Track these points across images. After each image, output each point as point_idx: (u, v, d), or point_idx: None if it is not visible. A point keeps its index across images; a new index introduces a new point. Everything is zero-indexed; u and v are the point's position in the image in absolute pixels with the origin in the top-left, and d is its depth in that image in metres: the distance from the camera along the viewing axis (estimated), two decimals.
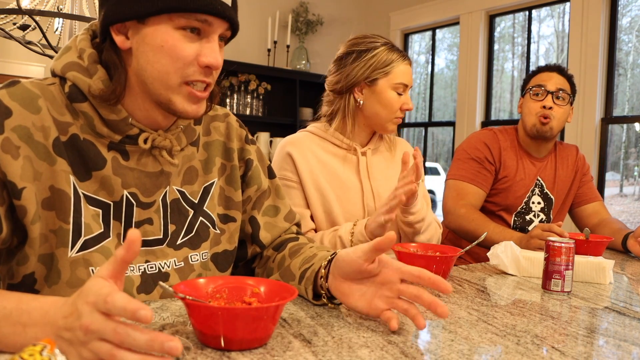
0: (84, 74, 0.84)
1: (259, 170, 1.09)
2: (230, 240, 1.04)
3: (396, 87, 1.47)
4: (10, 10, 1.98)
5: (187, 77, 0.84)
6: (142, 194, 0.90)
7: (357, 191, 1.51)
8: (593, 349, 0.81)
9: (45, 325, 0.63)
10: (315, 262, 0.93)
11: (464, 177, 1.90)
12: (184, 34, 0.82)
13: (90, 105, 0.84)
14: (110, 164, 0.87)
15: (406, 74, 1.48)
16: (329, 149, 1.52)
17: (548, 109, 1.84)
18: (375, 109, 1.49)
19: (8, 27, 2.22)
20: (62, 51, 0.88)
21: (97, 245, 0.86)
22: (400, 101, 1.49)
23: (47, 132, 0.82)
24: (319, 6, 4.80)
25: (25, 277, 0.84)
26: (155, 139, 0.89)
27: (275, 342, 0.74)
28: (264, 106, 4.49)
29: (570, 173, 2.01)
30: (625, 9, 3.53)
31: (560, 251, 1.16)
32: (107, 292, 0.57)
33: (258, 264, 1.11)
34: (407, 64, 1.50)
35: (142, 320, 0.55)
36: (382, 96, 1.48)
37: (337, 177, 1.49)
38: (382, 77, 1.47)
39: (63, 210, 0.83)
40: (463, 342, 0.80)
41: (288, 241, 1.08)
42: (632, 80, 3.62)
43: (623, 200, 4.05)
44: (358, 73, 1.47)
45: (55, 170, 0.82)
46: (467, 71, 4.15)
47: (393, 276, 0.82)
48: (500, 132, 1.98)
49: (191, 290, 0.77)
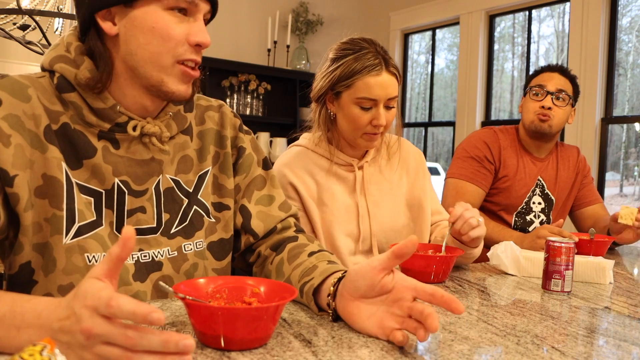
0: (71, 65, 0.86)
1: (251, 159, 1.08)
2: (226, 229, 1.04)
3: (359, 101, 1.31)
4: (10, 10, 1.99)
5: (179, 56, 0.86)
6: (133, 181, 0.91)
7: (352, 211, 1.41)
8: (593, 349, 0.81)
9: (40, 327, 0.62)
10: (315, 275, 0.89)
11: (463, 176, 1.90)
12: (173, 14, 0.84)
13: (78, 95, 0.85)
14: (101, 153, 0.88)
15: (373, 87, 1.30)
16: (324, 165, 1.41)
17: (547, 109, 1.85)
18: (342, 124, 1.38)
19: (8, 27, 2.22)
20: (51, 47, 0.90)
21: (91, 232, 0.86)
22: (367, 117, 1.32)
23: (38, 120, 0.83)
24: (319, 6, 4.80)
25: (22, 267, 0.84)
26: (144, 126, 0.89)
27: (275, 342, 0.74)
28: (264, 106, 4.48)
29: (572, 174, 2.01)
30: (625, 9, 3.53)
31: (560, 251, 1.16)
32: (107, 295, 0.56)
33: (256, 263, 1.08)
34: (377, 74, 1.30)
35: (155, 323, 0.55)
36: (346, 111, 1.34)
37: (333, 197, 1.40)
38: (344, 90, 1.33)
39: (56, 197, 0.84)
40: (463, 342, 0.80)
41: (287, 241, 1.04)
42: (632, 80, 3.62)
43: (623, 201, 4.05)
44: (324, 83, 1.36)
45: (47, 158, 0.83)
46: (467, 71, 4.15)
47: (406, 293, 0.76)
48: (500, 131, 1.98)
49: (191, 290, 0.77)
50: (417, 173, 1.51)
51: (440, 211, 1.54)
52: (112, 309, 0.55)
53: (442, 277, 1.22)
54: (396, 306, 0.77)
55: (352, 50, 1.33)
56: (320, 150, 1.43)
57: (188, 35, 0.85)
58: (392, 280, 0.77)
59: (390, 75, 1.32)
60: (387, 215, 1.44)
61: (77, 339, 0.58)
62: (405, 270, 1.23)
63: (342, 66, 1.32)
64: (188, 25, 0.86)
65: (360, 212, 1.41)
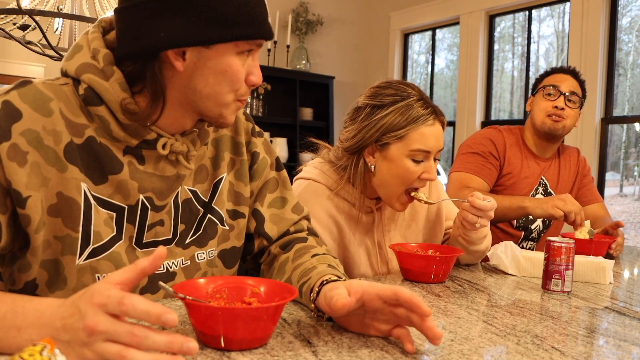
0: (100, 77, 0.82)
1: (265, 163, 1.07)
2: (239, 237, 1.03)
3: (413, 154, 1.20)
4: (10, 10, 1.98)
5: (240, 95, 0.88)
6: (157, 197, 0.90)
7: (366, 255, 1.34)
8: (593, 349, 0.81)
9: (42, 327, 0.62)
10: (312, 276, 0.89)
11: (468, 169, 1.87)
12: (242, 57, 0.85)
13: (107, 109, 0.82)
14: (127, 169, 0.86)
15: (428, 137, 1.20)
16: (341, 206, 1.30)
17: (560, 109, 1.84)
18: (384, 177, 1.24)
19: (8, 27, 2.22)
20: (74, 50, 0.85)
21: (106, 252, 0.85)
22: (418, 170, 1.22)
23: (59, 137, 0.80)
24: (319, 6, 4.79)
25: (27, 284, 0.83)
26: (173, 144, 0.88)
27: (275, 342, 0.74)
28: (264, 106, 4.48)
29: (572, 174, 2.01)
30: (625, 9, 3.53)
31: (560, 251, 1.16)
32: (118, 294, 0.57)
33: (265, 260, 1.08)
34: (431, 124, 1.20)
35: (168, 324, 0.56)
36: (395, 164, 1.22)
37: (348, 239, 1.31)
38: (394, 142, 1.21)
39: (72, 218, 0.82)
40: (463, 342, 0.80)
41: (296, 241, 1.05)
42: (632, 80, 3.62)
43: (623, 200, 4.05)
44: (367, 134, 1.22)
45: (65, 177, 0.81)
46: (467, 71, 4.15)
47: (377, 302, 0.76)
48: (505, 130, 1.98)
49: (191, 290, 0.77)
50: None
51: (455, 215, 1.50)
52: (125, 306, 0.56)
53: (442, 277, 1.21)
54: (379, 313, 0.78)
55: (400, 97, 1.22)
56: (344, 193, 1.30)
57: (248, 75, 0.87)
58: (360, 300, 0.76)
59: (440, 125, 1.24)
60: None
61: (78, 336, 0.58)
62: (406, 270, 1.23)
63: (392, 114, 1.20)
64: (248, 65, 0.86)
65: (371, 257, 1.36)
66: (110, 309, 0.57)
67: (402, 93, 1.22)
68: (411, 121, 1.19)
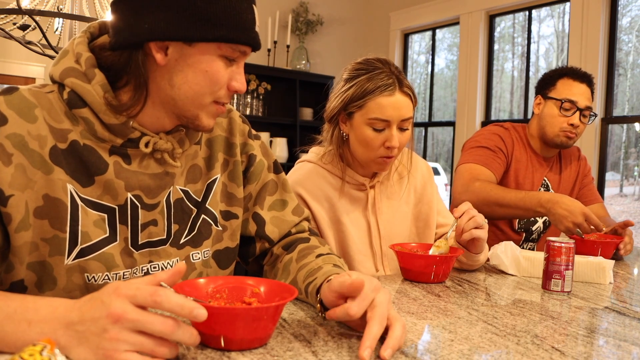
0: (82, 80, 0.84)
1: (262, 166, 1.08)
2: (232, 238, 1.03)
3: (371, 122, 1.28)
4: (10, 10, 1.98)
5: (218, 98, 0.88)
6: (146, 195, 0.90)
7: (365, 230, 1.40)
8: (593, 349, 0.81)
9: (53, 320, 0.63)
10: (318, 276, 0.90)
11: (478, 161, 1.82)
12: (224, 61, 0.86)
13: (90, 111, 0.84)
14: (113, 168, 0.87)
15: (386, 107, 1.26)
16: (336, 184, 1.39)
17: (575, 127, 1.83)
18: (354, 145, 1.34)
19: (8, 27, 2.22)
20: (60, 55, 0.88)
21: (95, 253, 0.85)
22: (380, 138, 1.29)
23: (44, 141, 0.82)
24: (319, 6, 4.80)
25: (13, 285, 0.84)
26: (157, 142, 0.89)
27: (275, 342, 0.74)
28: (264, 106, 4.49)
29: (573, 174, 2.01)
30: (625, 9, 3.53)
31: (560, 251, 1.16)
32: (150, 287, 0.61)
33: (267, 261, 1.09)
34: (390, 95, 1.26)
35: (199, 319, 0.61)
36: (358, 132, 1.31)
37: (347, 216, 1.37)
38: (356, 110, 1.29)
39: (59, 218, 0.83)
40: (463, 342, 0.80)
41: (299, 242, 1.05)
42: (632, 80, 3.62)
43: (623, 200, 4.05)
44: (337, 103, 1.33)
45: (51, 179, 0.82)
46: (467, 71, 4.15)
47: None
48: (511, 128, 1.97)
49: (191, 290, 0.77)
50: (424, 188, 1.49)
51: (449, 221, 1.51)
52: (160, 297, 0.61)
53: (442, 277, 1.21)
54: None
55: (365, 70, 1.30)
56: (333, 168, 1.40)
57: (230, 81, 0.87)
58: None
59: (404, 96, 1.28)
60: (396, 233, 1.43)
61: (99, 324, 0.61)
62: (406, 270, 1.23)
63: (355, 86, 1.29)
64: (231, 71, 0.87)
65: (372, 231, 1.40)
66: (139, 300, 0.61)
67: (369, 67, 1.30)
68: (369, 92, 1.27)
